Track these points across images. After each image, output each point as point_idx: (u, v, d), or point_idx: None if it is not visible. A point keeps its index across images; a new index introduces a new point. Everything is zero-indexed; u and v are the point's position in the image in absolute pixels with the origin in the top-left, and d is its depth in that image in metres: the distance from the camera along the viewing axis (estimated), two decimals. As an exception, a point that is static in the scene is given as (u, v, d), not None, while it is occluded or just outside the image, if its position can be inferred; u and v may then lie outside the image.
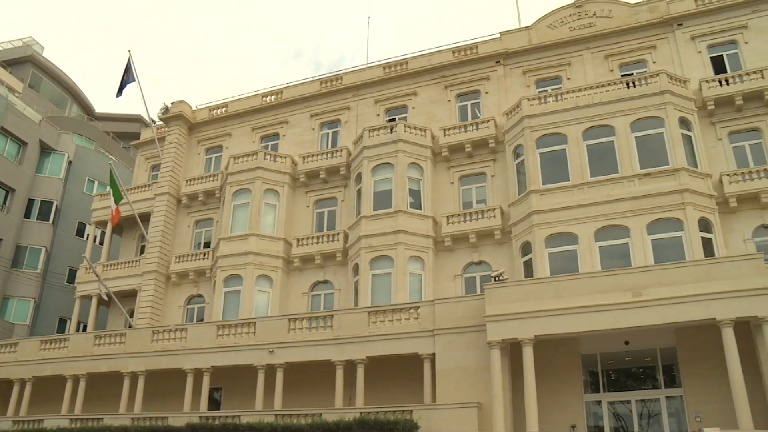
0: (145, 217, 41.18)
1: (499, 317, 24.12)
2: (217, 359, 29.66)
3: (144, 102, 45.65)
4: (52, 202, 49.20)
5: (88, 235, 46.76)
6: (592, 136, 30.81)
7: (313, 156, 38.46)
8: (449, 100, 37.76)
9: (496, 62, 37.41)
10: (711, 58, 33.48)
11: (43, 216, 48.70)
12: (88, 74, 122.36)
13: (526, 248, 30.58)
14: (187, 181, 41.67)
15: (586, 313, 23.04)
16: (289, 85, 42.74)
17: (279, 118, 41.92)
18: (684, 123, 30.25)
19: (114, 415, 29.10)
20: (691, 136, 30.15)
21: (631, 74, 33.64)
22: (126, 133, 65.68)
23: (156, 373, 30.92)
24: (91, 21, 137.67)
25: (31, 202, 48.67)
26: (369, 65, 41.06)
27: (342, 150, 37.86)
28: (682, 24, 34.41)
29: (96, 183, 51.70)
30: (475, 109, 37.10)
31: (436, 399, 25.02)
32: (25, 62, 60.50)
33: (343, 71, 41.65)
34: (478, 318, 25.08)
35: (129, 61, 41.81)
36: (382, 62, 40.53)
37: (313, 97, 41.33)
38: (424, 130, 35.65)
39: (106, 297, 37.50)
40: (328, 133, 40.59)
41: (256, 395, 28.08)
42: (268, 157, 38.31)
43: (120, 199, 37.58)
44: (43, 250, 47.70)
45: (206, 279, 38.31)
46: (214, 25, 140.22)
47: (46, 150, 50.41)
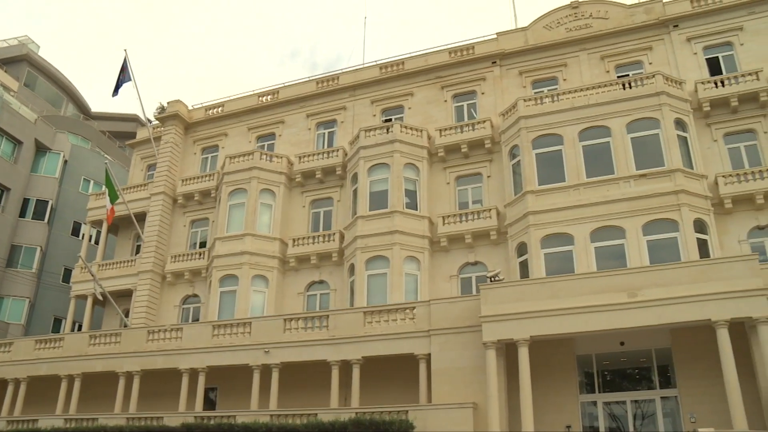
0: (141, 217, 41.10)
1: (494, 318, 24.14)
2: (212, 359, 29.62)
3: (140, 101, 45.40)
4: (48, 202, 49.11)
5: (83, 235, 46.67)
6: (588, 137, 30.87)
7: (309, 156, 38.44)
8: (445, 101, 37.79)
9: (493, 63, 37.45)
10: (707, 59, 33.57)
11: (39, 215, 48.60)
12: (84, 73, 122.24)
13: (522, 249, 30.62)
14: (183, 180, 41.61)
15: (582, 314, 23.07)
16: (286, 85, 42.72)
17: (275, 118, 41.88)
18: (679, 124, 30.32)
19: (109, 415, 29.03)
20: (686, 138, 30.24)
21: (627, 75, 33.67)
22: (122, 132, 65.58)
23: (151, 373, 30.86)
24: (88, 20, 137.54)
25: (26, 202, 48.56)
26: (365, 65, 41.07)
27: (338, 150, 37.85)
28: (678, 25, 34.49)
29: (92, 182, 51.61)
30: (472, 110, 37.14)
31: (432, 399, 25.03)
32: (21, 61, 60.35)
33: (340, 71, 41.65)
34: (473, 318, 25.10)
35: (125, 60, 41.72)
36: (379, 62, 40.54)
37: (310, 97, 41.31)
38: (421, 131, 35.67)
39: (100, 297, 37.40)
40: (324, 133, 40.57)
41: (251, 395, 28.02)
42: (264, 156, 38.28)
43: (116, 199, 37.49)
44: (38, 249, 47.59)
45: (202, 279, 38.26)
46: (210, 24, 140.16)
47: (41, 149, 50.29)
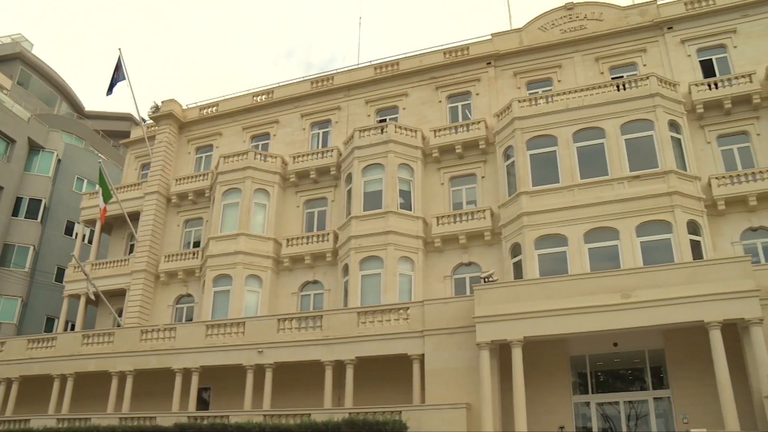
0: (135, 216, 41.01)
1: (488, 318, 24.17)
2: (206, 359, 29.57)
3: (134, 100, 45.55)
4: (41, 201, 48.93)
5: (76, 234, 46.56)
6: (582, 138, 30.93)
7: (304, 156, 38.42)
8: (440, 101, 37.81)
9: (487, 64, 37.50)
10: (700, 61, 33.71)
11: (32, 214, 48.42)
12: (78, 72, 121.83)
13: (516, 249, 30.66)
14: (177, 180, 41.53)
15: (575, 315, 23.12)
16: (280, 84, 42.69)
17: (269, 118, 41.84)
18: (673, 126, 30.41)
19: (102, 415, 28.94)
20: (680, 139, 30.33)
21: (622, 77, 33.75)
22: (116, 131, 65.38)
23: (144, 373, 30.79)
24: (81, 18, 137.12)
25: (19, 200, 48.36)
26: (360, 66, 41.06)
27: (332, 150, 37.83)
28: (672, 27, 34.61)
29: (85, 181, 51.46)
30: (466, 111, 37.17)
31: (426, 400, 25.04)
32: (14, 59, 60.07)
33: (334, 71, 41.65)
34: (467, 319, 25.13)
35: (119, 59, 41.62)
36: (373, 63, 40.54)
37: (304, 97, 41.28)
38: (415, 131, 35.68)
39: (93, 297, 37.27)
40: (319, 133, 40.55)
41: (245, 395, 28.00)
42: (259, 156, 38.24)
43: (109, 198, 37.39)
44: (31, 248, 47.42)
45: (195, 278, 38.19)
46: (205, 23, 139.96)
47: (34, 148, 50.10)
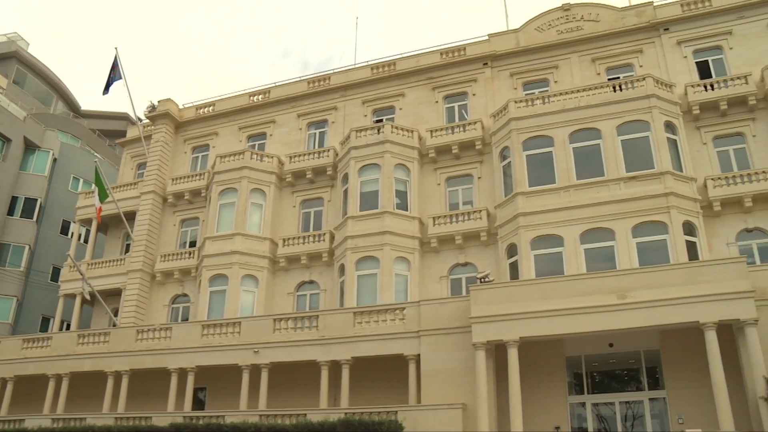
0: (131, 216, 40.94)
1: (484, 319, 24.19)
2: (201, 359, 29.54)
3: (130, 100, 45.35)
4: (36, 200, 48.83)
5: (72, 233, 46.44)
6: (579, 139, 30.97)
7: (300, 156, 38.40)
8: (437, 102, 37.84)
9: (484, 64, 37.53)
10: (696, 63, 33.79)
11: (27, 213, 48.32)
12: (74, 71, 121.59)
13: (512, 250, 30.69)
14: (173, 179, 41.47)
15: (571, 315, 23.15)
16: (277, 84, 42.67)
17: (266, 118, 41.81)
18: (669, 127, 30.47)
19: (97, 415, 28.87)
20: (676, 140, 30.40)
21: (618, 78, 33.81)
22: (112, 131, 65.27)
23: (140, 373, 30.74)
24: (78, 18, 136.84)
25: (14, 200, 48.24)
26: (357, 66, 41.06)
27: (329, 150, 37.82)
28: (668, 29, 34.68)
29: (81, 181, 51.34)
30: (463, 111, 37.20)
31: (421, 400, 25.04)
32: (10, 58, 59.95)
33: (331, 71, 41.64)
34: (463, 319, 25.14)
35: (116, 58, 41.56)
36: (370, 63, 40.55)
37: (301, 97, 41.27)
38: (411, 132, 35.70)
39: (88, 297, 37.17)
40: (315, 133, 40.54)
41: (240, 395, 27.98)
42: (255, 156, 38.22)
43: (105, 197, 37.30)
44: (27, 247, 47.30)
45: (191, 278, 38.14)
46: (201, 23, 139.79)
47: (30, 147, 50.00)
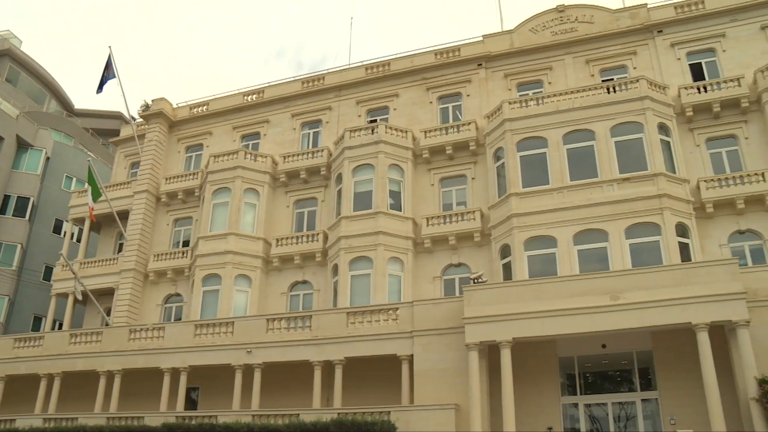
0: (124, 215, 40.83)
1: (477, 319, 24.21)
2: (194, 359, 29.48)
3: (124, 99, 45.27)
4: (29, 199, 48.62)
5: (65, 232, 46.22)
6: (573, 140, 31.03)
7: (294, 156, 38.36)
8: (431, 102, 37.85)
9: (478, 65, 37.56)
10: (690, 65, 33.92)
11: (20, 212, 48.10)
12: (68, 70, 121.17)
13: (506, 251, 30.72)
14: (167, 179, 41.39)
15: (564, 316, 23.18)
16: (271, 84, 42.63)
17: (260, 118, 41.76)
18: (663, 129, 30.56)
19: (89, 415, 28.79)
20: (669, 142, 30.48)
21: (612, 79, 33.91)
22: (105, 129, 65.09)
23: (132, 373, 30.66)
24: (71, 16, 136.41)
25: (7, 198, 48.03)
26: (351, 66, 41.05)
27: (323, 150, 37.80)
28: (662, 31, 34.80)
29: (74, 180, 51.17)
30: (457, 112, 37.22)
31: (414, 400, 25.05)
32: (3, 56, 59.71)
33: (325, 71, 41.62)
34: (456, 320, 25.16)
35: (110, 57, 41.44)
36: (365, 63, 40.54)
37: (295, 97, 41.23)
38: (405, 132, 35.70)
39: (80, 297, 36.94)
40: (309, 133, 40.51)
41: (233, 395, 27.95)
42: (249, 156, 38.15)
43: (98, 196, 37.18)
44: (19, 246, 47.09)
45: (185, 278, 38.06)
46: (196, 22, 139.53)
47: (23, 145, 49.79)
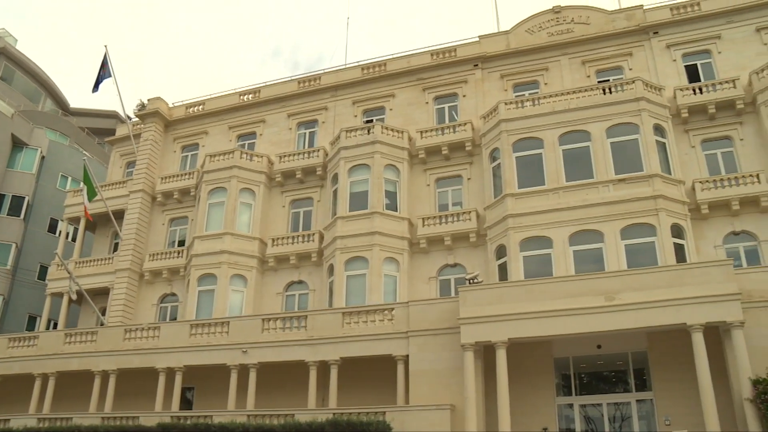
0: (119, 215, 40.73)
1: (473, 320, 24.22)
2: (189, 359, 29.44)
3: (120, 98, 45.03)
4: (24, 198, 48.47)
5: (60, 232, 46.10)
6: (568, 141, 31.08)
7: (290, 156, 38.34)
8: (427, 103, 37.87)
9: (474, 65, 37.59)
10: (685, 66, 34.00)
11: (14, 211, 47.95)
12: (63, 68, 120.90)
13: (501, 251, 30.75)
14: (163, 178, 41.31)
15: (560, 317, 23.21)
16: (267, 84, 42.59)
17: (256, 117, 41.73)
18: (658, 130, 30.63)
19: (84, 415, 28.73)
20: (665, 143, 30.55)
21: (608, 80, 33.98)
22: (101, 129, 64.94)
23: (127, 372, 30.60)
24: (68, 14, 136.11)
25: (1, 197, 47.83)
26: (347, 66, 41.05)
27: (319, 150, 37.79)
28: (657, 32, 34.87)
29: (69, 179, 51.01)
30: (453, 112, 37.25)
31: (410, 401, 25.05)
32: (-2, 55, 59.58)
33: (322, 71, 41.60)
34: (452, 320, 25.17)
35: (105, 56, 41.42)
36: (361, 63, 40.55)
37: (291, 97, 41.21)
38: (401, 132, 35.72)
39: (74, 297, 36.81)
40: (305, 133, 40.50)
41: (228, 395, 27.91)
42: (245, 156, 38.12)
43: (94, 196, 37.11)
44: (14, 246, 46.95)
45: (180, 278, 38.02)
46: (192, 22, 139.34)
47: (18, 144, 49.64)
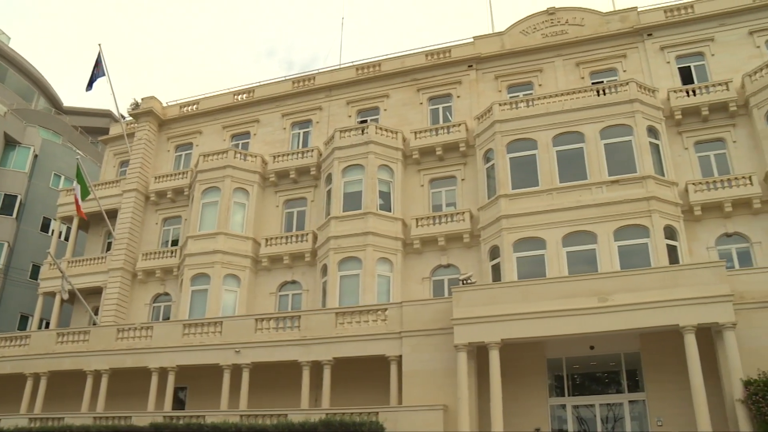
0: (112, 214, 40.62)
1: (466, 320, 24.22)
2: (182, 358, 29.35)
3: (114, 97, 45.26)
4: (16, 196, 48.28)
5: (53, 231, 45.95)
6: (562, 143, 31.15)
7: (284, 156, 38.30)
8: (421, 103, 37.88)
9: (469, 66, 37.63)
10: (679, 68, 34.14)
11: (7, 210, 47.77)
12: (57, 67, 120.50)
13: (495, 252, 30.78)
14: (156, 178, 41.22)
15: (553, 318, 23.23)
16: (261, 83, 42.55)
17: (250, 117, 41.67)
18: (652, 131, 30.72)
19: (75, 415, 28.58)
20: (658, 145, 30.64)
21: (602, 82, 34.05)
22: (94, 128, 64.74)
23: (120, 372, 30.49)
24: (62, 13, 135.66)
25: (-6, 196, 47.74)
26: (342, 66, 41.03)
27: (313, 150, 37.76)
28: (651, 34, 34.99)
29: (62, 178, 50.85)
30: (447, 113, 37.27)
31: (403, 401, 25.03)
32: (-10, 53, 59.38)
33: (316, 71, 41.58)
34: (445, 321, 25.17)
35: (99, 55, 41.27)
36: (355, 63, 40.52)
37: (285, 97, 41.17)
38: (396, 133, 35.72)
39: (66, 297, 36.57)
40: (299, 133, 40.46)
41: (221, 395, 27.81)
42: (239, 155, 38.06)
43: (87, 195, 36.98)
44: (6, 245, 46.76)
45: (173, 277, 37.92)
46: (186, 21, 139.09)
47: (11, 143, 49.47)
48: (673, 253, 28.28)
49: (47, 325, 41.77)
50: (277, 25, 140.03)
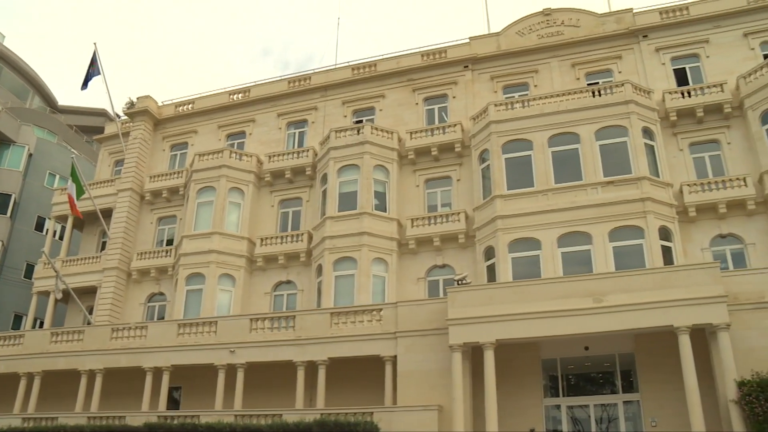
0: (107, 213, 40.55)
1: (461, 321, 24.25)
2: (177, 358, 29.31)
3: (109, 96, 44.76)
4: (11, 195, 48.12)
5: (47, 230, 45.82)
6: (557, 143, 31.20)
7: (279, 155, 38.27)
8: (417, 104, 37.91)
9: (465, 67, 37.67)
10: (674, 70, 34.23)
11: (1, 209, 47.56)
12: (52, 66, 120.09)
13: (490, 252, 30.81)
14: (151, 177, 41.14)
15: (548, 318, 23.27)
16: (257, 83, 42.50)
17: (246, 117, 41.63)
18: (647, 133, 30.79)
19: (69, 414, 28.55)
20: (653, 146, 30.72)
21: (597, 83, 34.12)
22: (90, 127, 64.55)
23: (114, 372, 30.44)
24: (57, 11, 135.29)
25: (-12, 195, 47.57)
26: (337, 66, 41.03)
27: (308, 150, 37.74)
28: (647, 36, 35.07)
29: (57, 177, 50.72)
30: (442, 113, 37.31)
31: (397, 401, 25.05)
32: (-15, 51, 59.16)
33: (312, 71, 41.56)
34: (440, 321, 25.19)
35: (95, 54, 41.21)
36: (351, 63, 40.53)
37: (281, 97, 41.15)
38: (391, 133, 35.73)
39: (59, 296, 36.35)
40: (295, 133, 40.44)
41: (216, 395, 27.81)
42: (234, 155, 38.03)
43: (82, 194, 36.91)
44: (0, 243, 46.62)
45: (168, 277, 37.86)
46: (182, 20, 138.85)
47: (5, 142, 49.28)
48: (667, 254, 28.36)
49: (41, 325, 41.71)
50: (273, 24, 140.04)
